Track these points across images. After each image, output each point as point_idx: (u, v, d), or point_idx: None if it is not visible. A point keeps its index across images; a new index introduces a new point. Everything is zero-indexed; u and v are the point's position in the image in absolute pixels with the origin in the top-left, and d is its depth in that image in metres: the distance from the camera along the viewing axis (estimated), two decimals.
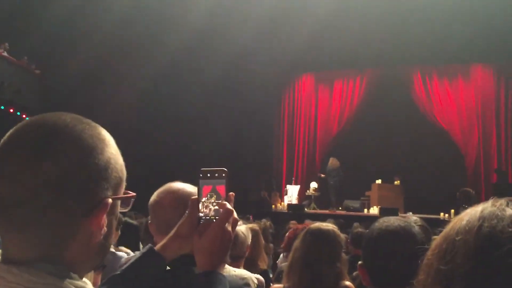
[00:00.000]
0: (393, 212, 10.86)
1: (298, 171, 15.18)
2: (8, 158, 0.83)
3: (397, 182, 13.00)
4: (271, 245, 6.00)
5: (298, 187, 13.86)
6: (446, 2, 12.10)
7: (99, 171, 0.87)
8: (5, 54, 12.33)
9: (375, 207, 12.26)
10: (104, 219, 0.89)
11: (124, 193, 0.95)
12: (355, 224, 6.81)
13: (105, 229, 0.90)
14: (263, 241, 4.11)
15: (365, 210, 12.60)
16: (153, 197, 1.62)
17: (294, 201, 13.28)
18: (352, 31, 13.18)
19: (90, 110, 13.40)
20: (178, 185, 1.63)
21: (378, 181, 12.93)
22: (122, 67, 13.63)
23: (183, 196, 1.56)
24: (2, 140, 0.86)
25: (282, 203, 13.54)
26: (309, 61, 14.61)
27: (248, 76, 14.20)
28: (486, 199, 0.77)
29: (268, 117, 15.53)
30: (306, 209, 12.67)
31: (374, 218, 8.33)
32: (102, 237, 0.90)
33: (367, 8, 12.75)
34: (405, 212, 11.40)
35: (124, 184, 0.95)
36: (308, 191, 13.65)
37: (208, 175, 1.12)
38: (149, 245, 1.20)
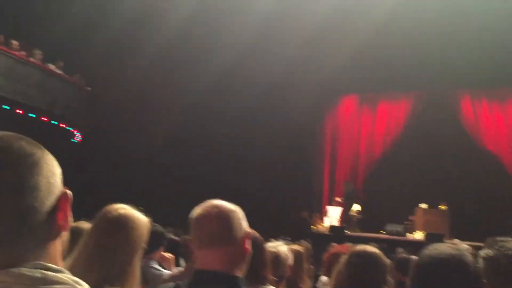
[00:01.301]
0: (439, 238, 10.52)
1: (339, 193, 14.97)
2: None
3: (443, 207, 12.59)
4: (312, 267, 5.92)
5: (339, 208, 13.65)
6: (495, 25, 11.77)
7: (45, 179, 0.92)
8: (59, 71, 12.89)
9: (419, 232, 11.91)
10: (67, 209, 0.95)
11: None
12: (399, 249, 6.63)
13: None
14: (306, 264, 4.06)
15: (409, 235, 12.25)
16: (198, 210, 1.64)
17: (335, 222, 13.08)
18: (398, 52, 13.03)
19: (136, 125, 13.82)
20: (219, 201, 1.67)
21: (423, 205, 12.57)
22: (168, 85, 13.96)
23: (226, 211, 1.61)
24: None
25: (323, 224, 13.36)
26: (353, 82, 14.50)
27: (291, 96, 14.23)
28: None
29: (310, 137, 15.46)
30: (347, 231, 12.46)
31: (418, 243, 8.14)
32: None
33: (413, 29, 12.59)
34: (451, 239, 11.00)
35: None
36: (349, 213, 13.43)
37: None
38: None
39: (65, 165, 0.99)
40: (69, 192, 0.96)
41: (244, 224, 1.65)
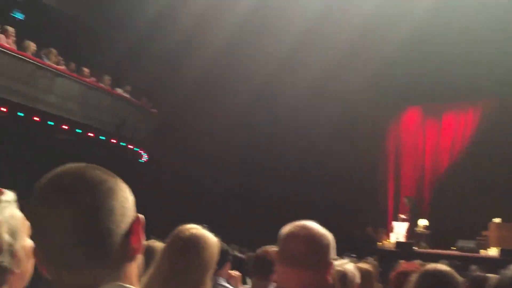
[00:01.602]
0: None
1: (405, 208, 14.50)
2: (51, 208, 0.94)
3: None
4: (380, 285, 5.77)
5: (406, 224, 13.22)
6: None
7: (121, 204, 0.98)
8: (126, 95, 13.52)
9: (494, 248, 11.28)
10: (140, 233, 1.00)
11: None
12: (473, 266, 6.32)
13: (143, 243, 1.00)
14: (376, 283, 3.97)
15: (482, 251, 11.64)
16: (288, 229, 1.64)
17: (402, 238, 12.68)
18: (463, 59, 12.57)
19: (198, 144, 14.17)
20: (310, 223, 1.65)
21: (497, 220, 11.92)
22: (231, 109, 14.24)
23: (315, 234, 1.59)
24: (39, 190, 0.98)
25: (389, 240, 12.99)
26: (416, 93, 14.09)
27: (353, 109, 14.06)
28: None
29: (373, 151, 15.15)
30: (415, 247, 12.02)
31: (493, 261, 7.72)
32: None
33: (480, 33, 12.11)
34: None
35: None
36: (416, 228, 12.97)
37: None
38: None
39: (133, 185, 1.07)
40: (141, 216, 1.02)
41: (332, 252, 1.62)
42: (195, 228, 2.00)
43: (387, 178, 15.35)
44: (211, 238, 1.99)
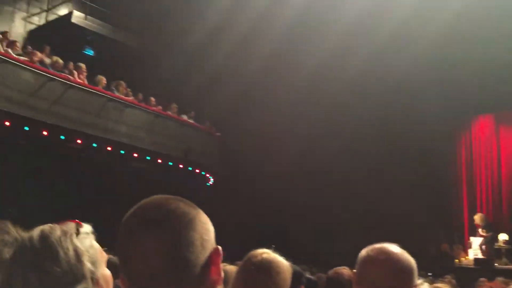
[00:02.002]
0: None
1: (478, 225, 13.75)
2: (139, 238, 0.99)
3: None
4: None
5: (484, 239, 12.52)
6: None
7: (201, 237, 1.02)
8: (191, 121, 13.95)
9: None
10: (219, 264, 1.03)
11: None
12: None
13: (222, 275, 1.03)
14: None
15: None
16: (366, 252, 1.59)
17: (480, 255, 12.00)
18: None
19: (261, 166, 14.28)
20: (391, 246, 1.56)
21: None
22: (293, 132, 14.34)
23: (396, 259, 1.52)
24: (127, 219, 1.04)
25: (467, 257, 12.34)
26: (487, 101, 13.43)
27: (419, 120, 13.62)
28: None
29: (443, 164, 14.54)
30: (496, 264, 11.35)
31: None
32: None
33: None
34: None
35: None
36: (496, 243, 12.24)
37: None
38: None
39: (202, 209, 1.12)
40: (220, 248, 1.05)
41: (414, 279, 1.52)
42: (266, 253, 2.02)
43: (461, 191, 14.65)
44: (283, 262, 2.00)
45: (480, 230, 12.60)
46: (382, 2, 12.24)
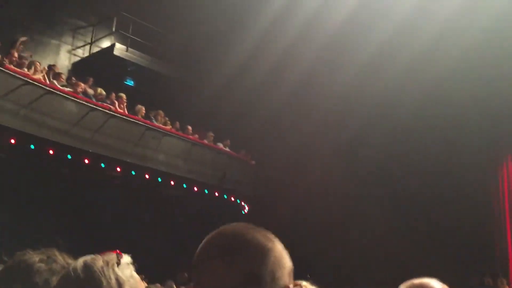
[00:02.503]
0: None
1: None
2: (209, 261, 1.02)
3: None
4: None
5: None
6: None
7: (261, 279, 1.00)
8: (227, 149, 14.11)
9: None
10: None
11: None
12: None
13: None
14: None
15: None
16: (405, 287, 1.58)
17: None
18: None
19: (295, 198, 14.20)
20: (432, 281, 1.56)
21: None
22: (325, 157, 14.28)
23: None
24: (204, 244, 1.07)
25: None
26: None
27: (459, 152, 13.29)
28: None
29: (484, 194, 14.06)
30: None
31: None
32: None
33: None
34: None
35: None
36: None
37: None
38: None
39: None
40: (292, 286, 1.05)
41: None
42: (304, 285, 2.00)
43: (504, 221, 14.10)
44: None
45: None
46: (413, 25, 12.17)
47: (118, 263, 1.27)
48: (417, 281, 1.57)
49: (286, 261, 1.06)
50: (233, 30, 13.95)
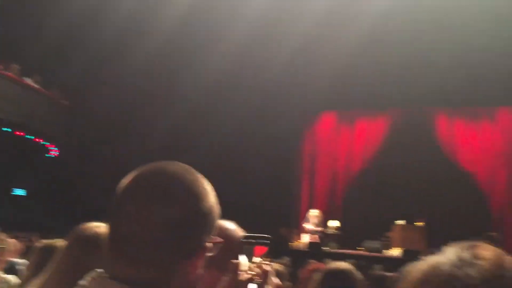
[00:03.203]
0: (416, 254, 10.61)
1: (318, 209, 14.96)
2: (131, 198, 0.94)
3: (419, 223, 12.73)
4: (289, 284, 5.90)
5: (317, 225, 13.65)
6: (471, 46, 12.08)
7: (203, 217, 0.98)
8: (36, 85, 12.75)
9: (396, 248, 12.00)
10: (202, 262, 0.98)
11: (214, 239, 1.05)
12: (376, 266, 6.66)
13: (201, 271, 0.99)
14: (285, 282, 4.07)
15: (386, 251, 12.33)
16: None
17: (313, 239, 13.08)
18: (376, 71, 13.26)
19: (119, 138, 13.69)
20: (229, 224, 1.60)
21: (401, 222, 12.69)
22: (148, 108, 13.93)
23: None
24: (125, 182, 0.99)
25: (301, 241, 13.35)
26: (331, 99, 14.64)
27: (270, 113, 14.30)
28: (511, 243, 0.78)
29: (288, 154, 15.50)
30: (325, 248, 12.47)
31: (395, 260, 8.17)
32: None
33: (390, 49, 12.85)
34: (427, 255, 11.11)
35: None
36: (328, 229, 13.45)
37: (252, 240, 1.16)
38: None
39: (40, 179, 1.01)
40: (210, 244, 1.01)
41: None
42: (97, 227, 1.90)
43: (302, 180, 15.77)
44: None
45: (312, 221, 13.70)
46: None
47: None
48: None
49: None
50: None
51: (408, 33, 12.35)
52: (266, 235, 1.17)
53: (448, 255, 0.75)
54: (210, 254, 1.01)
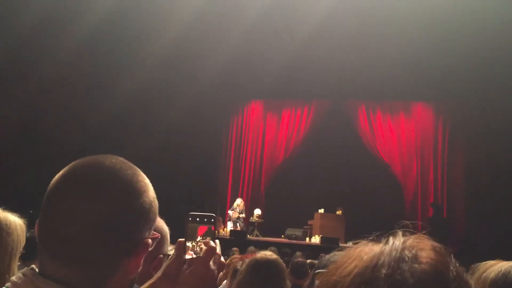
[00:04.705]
0: (334, 241, 11.05)
1: (242, 198, 15.11)
2: (65, 195, 0.86)
3: (339, 212, 13.23)
4: None
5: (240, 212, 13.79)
6: (390, 46, 12.54)
7: (142, 213, 0.93)
8: None
9: (316, 236, 12.39)
10: (142, 259, 0.95)
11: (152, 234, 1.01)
12: (297, 253, 6.83)
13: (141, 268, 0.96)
14: None
15: (307, 239, 12.71)
16: None
17: (237, 227, 13.22)
18: (302, 62, 13.48)
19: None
20: None
21: (321, 210, 13.11)
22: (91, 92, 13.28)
23: None
24: (58, 177, 0.90)
25: (225, 229, 13.42)
26: (259, 88, 14.71)
27: (197, 100, 14.13)
28: (422, 232, 0.79)
29: (215, 142, 15.48)
30: (249, 236, 12.62)
31: (315, 247, 8.43)
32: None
33: (315, 41, 13.08)
34: (346, 242, 11.61)
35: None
36: (251, 217, 13.62)
37: (197, 219, 1.15)
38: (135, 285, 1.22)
39: None
40: (150, 241, 1.00)
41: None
42: None
43: (228, 169, 15.81)
44: (16, 222, 1.77)
45: (236, 209, 13.81)
46: None
47: None
48: None
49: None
50: None
51: (334, 29, 12.63)
52: (211, 214, 1.16)
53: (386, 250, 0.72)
54: (149, 249, 0.97)
